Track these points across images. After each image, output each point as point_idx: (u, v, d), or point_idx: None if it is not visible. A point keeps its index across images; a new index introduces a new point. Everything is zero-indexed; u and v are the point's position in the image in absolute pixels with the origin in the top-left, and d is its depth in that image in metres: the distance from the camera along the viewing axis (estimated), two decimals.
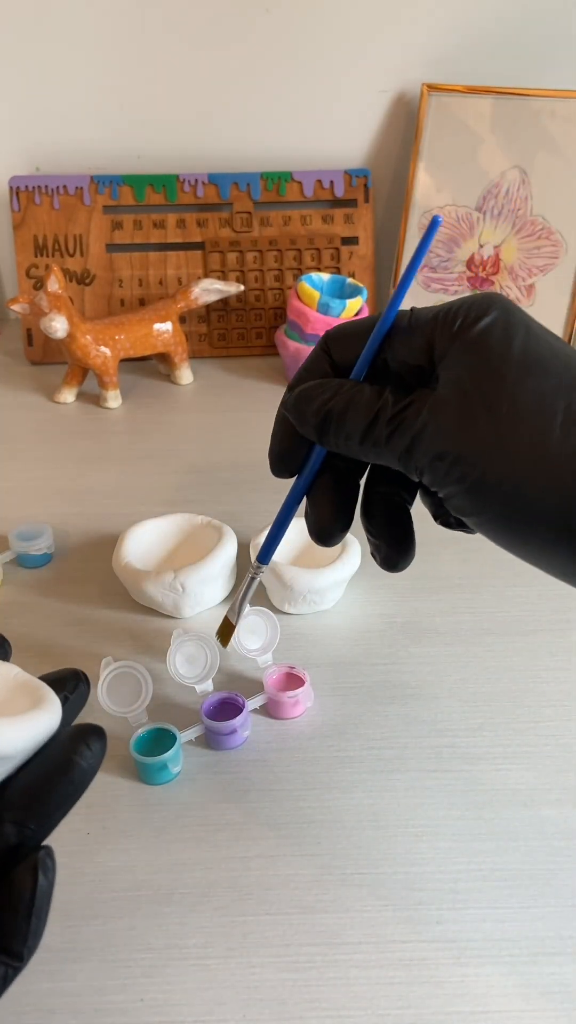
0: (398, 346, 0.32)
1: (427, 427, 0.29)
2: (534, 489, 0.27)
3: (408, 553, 0.34)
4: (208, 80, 0.88)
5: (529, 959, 0.34)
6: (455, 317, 0.30)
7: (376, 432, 0.30)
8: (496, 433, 0.27)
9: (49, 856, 0.24)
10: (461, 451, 0.28)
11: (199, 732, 0.43)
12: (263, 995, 0.33)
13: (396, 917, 0.36)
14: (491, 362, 0.28)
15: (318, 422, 0.32)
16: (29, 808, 0.25)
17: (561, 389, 0.27)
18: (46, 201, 0.86)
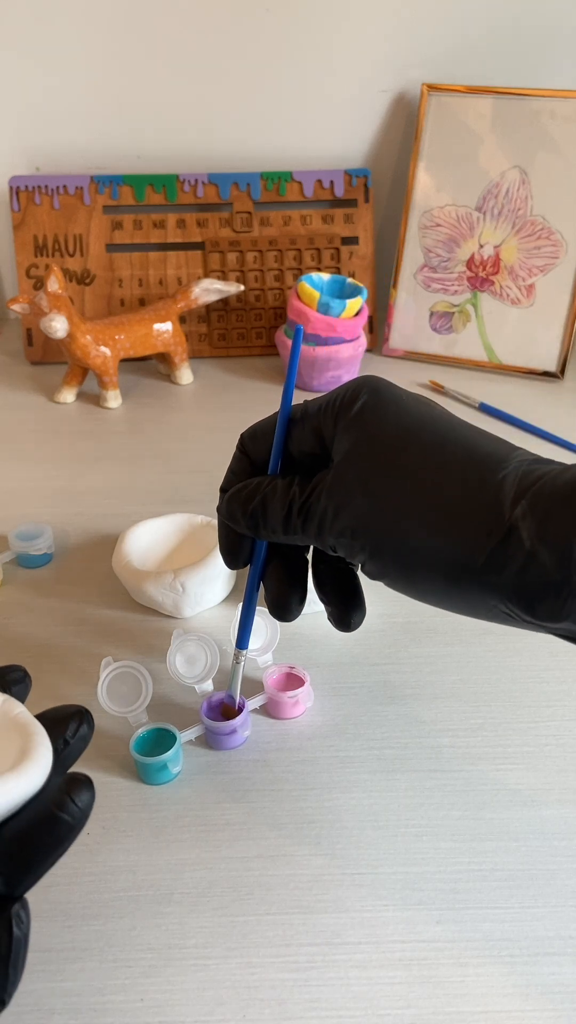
0: (296, 438, 0.36)
1: (327, 511, 0.33)
2: (419, 542, 0.30)
3: (357, 611, 0.38)
4: (208, 80, 0.88)
5: (529, 959, 0.34)
6: (334, 405, 0.34)
7: (292, 522, 0.34)
8: (377, 502, 0.31)
9: (24, 909, 0.25)
10: (355, 525, 0.32)
11: (199, 732, 0.43)
12: (263, 995, 0.33)
13: (396, 917, 0.36)
14: (367, 440, 0.32)
15: (247, 521, 0.36)
16: (14, 861, 0.25)
17: (429, 449, 0.31)
18: (46, 201, 0.86)
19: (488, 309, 0.86)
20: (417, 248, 0.87)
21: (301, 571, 0.39)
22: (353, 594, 0.38)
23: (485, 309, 0.86)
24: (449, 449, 0.32)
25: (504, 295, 0.85)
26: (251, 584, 0.40)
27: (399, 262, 0.88)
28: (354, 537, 0.32)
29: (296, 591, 0.38)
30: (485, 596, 0.29)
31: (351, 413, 0.33)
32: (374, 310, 0.90)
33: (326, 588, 0.38)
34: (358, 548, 0.32)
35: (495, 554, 0.29)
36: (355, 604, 0.38)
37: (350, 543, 0.32)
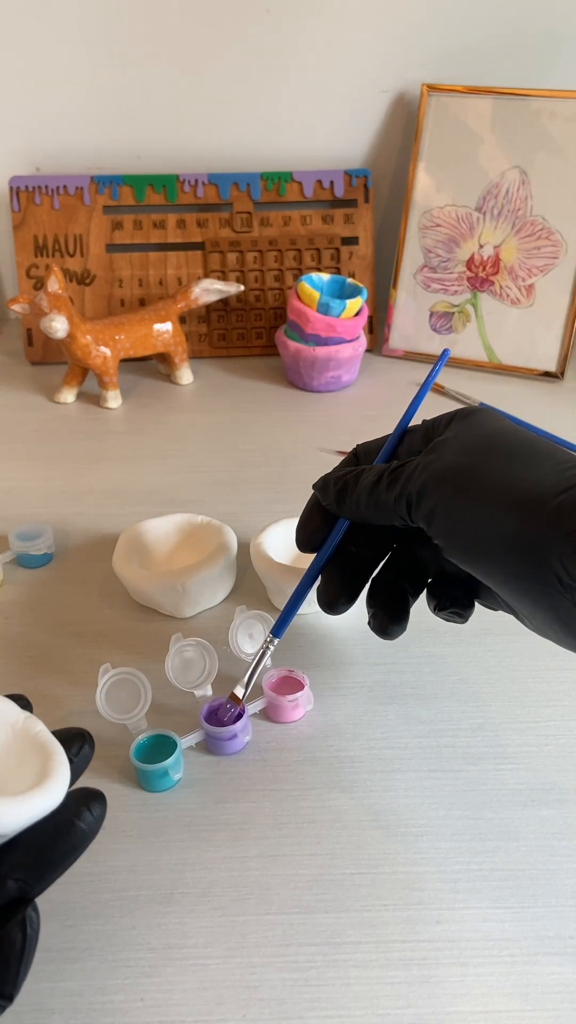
0: (407, 441, 0.41)
1: (414, 473, 0.36)
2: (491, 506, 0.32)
3: (401, 624, 0.40)
4: (208, 80, 0.88)
5: (529, 959, 0.34)
6: (449, 413, 0.39)
7: (379, 486, 0.37)
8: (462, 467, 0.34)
9: (34, 910, 0.27)
10: (434, 481, 0.34)
11: (199, 738, 0.43)
12: (263, 995, 0.33)
13: (396, 917, 0.36)
14: (467, 427, 0.37)
15: (337, 490, 0.39)
16: (31, 868, 0.27)
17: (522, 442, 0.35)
18: (46, 201, 0.86)
19: (488, 309, 0.86)
20: (417, 248, 0.87)
21: (360, 576, 0.41)
22: (403, 609, 0.40)
23: (485, 309, 0.86)
24: (542, 446, 0.35)
25: (504, 295, 0.85)
26: (313, 569, 0.41)
27: (399, 262, 0.88)
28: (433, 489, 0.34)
29: (349, 590, 0.41)
30: (546, 555, 0.30)
31: (463, 412, 0.38)
32: (374, 310, 0.90)
33: (379, 597, 0.41)
34: (431, 506, 0.34)
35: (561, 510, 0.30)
36: (402, 617, 0.40)
37: (429, 499, 0.34)
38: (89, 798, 0.30)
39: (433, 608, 0.40)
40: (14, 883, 0.27)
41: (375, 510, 0.38)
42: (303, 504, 0.43)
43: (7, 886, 0.27)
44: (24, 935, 0.26)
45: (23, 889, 0.27)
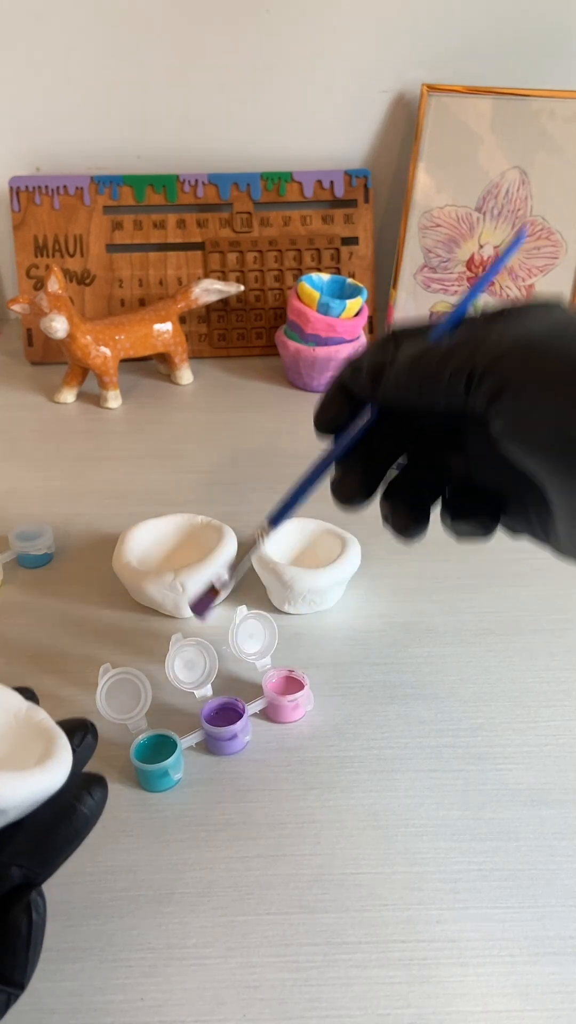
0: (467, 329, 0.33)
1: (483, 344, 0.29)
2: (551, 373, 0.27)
3: (423, 524, 0.34)
4: (208, 80, 0.88)
5: (529, 959, 0.34)
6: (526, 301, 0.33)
7: (428, 359, 0.31)
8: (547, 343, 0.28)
9: (40, 896, 0.26)
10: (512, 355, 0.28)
11: (199, 738, 0.43)
12: (263, 995, 0.33)
13: (396, 917, 0.36)
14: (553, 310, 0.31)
15: (373, 366, 0.33)
16: (34, 854, 0.27)
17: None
18: (46, 201, 0.86)
19: None
20: (417, 248, 0.87)
21: (380, 472, 0.36)
22: (425, 508, 0.35)
23: None
24: None
25: (504, 295, 0.85)
26: (325, 461, 0.35)
27: (399, 262, 0.88)
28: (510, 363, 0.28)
29: (366, 486, 0.35)
30: None
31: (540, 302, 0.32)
32: (374, 310, 0.90)
33: (399, 496, 0.35)
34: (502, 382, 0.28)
35: None
36: (424, 517, 0.35)
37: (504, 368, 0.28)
38: (90, 782, 0.30)
39: (451, 520, 0.34)
40: (18, 869, 0.27)
41: (420, 387, 0.31)
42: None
43: (11, 873, 0.26)
44: (30, 920, 0.26)
45: (28, 875, 0.27)
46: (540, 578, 0.55)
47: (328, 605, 0.53)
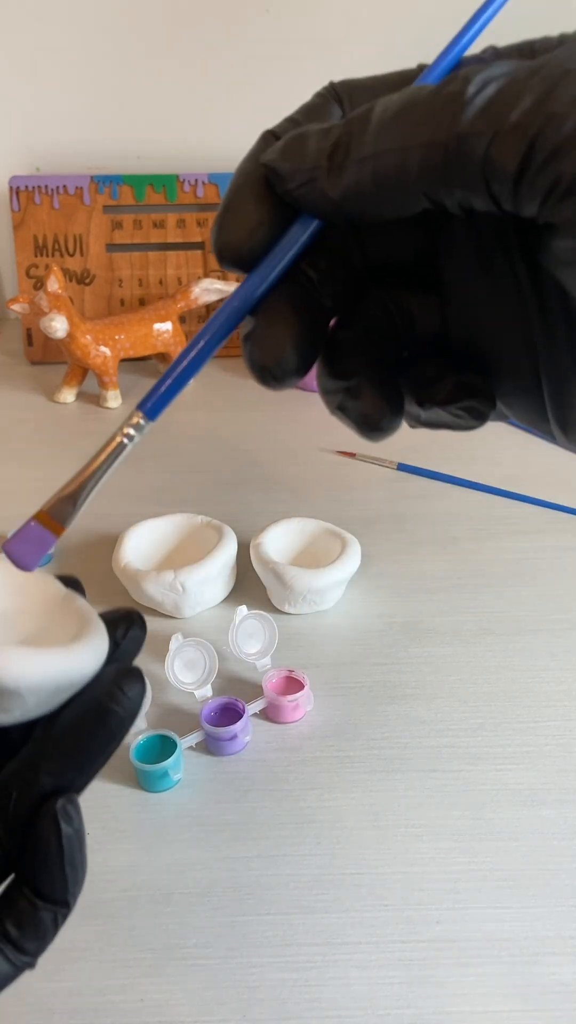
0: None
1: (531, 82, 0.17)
2: None
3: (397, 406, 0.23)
4: (208, 80, 0.88)
5: (529, 959, 0.34)
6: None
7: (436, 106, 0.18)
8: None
9: (71, 803, 0.23)
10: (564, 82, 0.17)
11: (199, 738, 0.43)
12: (263, 995, 0.33)
13: (396, 917, 0.36)
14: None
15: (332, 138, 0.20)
16: (66, 759, 0.23)
17: None
18: (46, 201, 0.86)
19: None
20: None
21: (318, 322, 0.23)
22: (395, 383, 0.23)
23: None
24: None
25: None
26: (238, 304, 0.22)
27: None
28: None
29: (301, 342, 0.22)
30: None
31: None
32: None
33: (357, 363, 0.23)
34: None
35: None
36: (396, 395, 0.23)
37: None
38: (122, 677, 0.24)
39: (425, 400, 0.23)
40: (48, 777, 0.23)
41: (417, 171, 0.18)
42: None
43: (41, 781, 0.23)
44: (59, 832, 0.22)
45: (58, 783, 0.23)
46: (540, 578, 0.55)
47: (328, 605, 0.53)
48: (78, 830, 0.23)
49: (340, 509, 0.61)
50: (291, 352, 0.22)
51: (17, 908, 0.22)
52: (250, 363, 0.22)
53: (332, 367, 0.23)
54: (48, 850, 0.22)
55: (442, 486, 0.66)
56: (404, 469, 0.67)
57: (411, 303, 0.24)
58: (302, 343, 0.22)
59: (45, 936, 0.23)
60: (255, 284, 0.22)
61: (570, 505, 0.62)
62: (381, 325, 0.24)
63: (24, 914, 0.22)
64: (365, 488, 0.65)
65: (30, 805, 0.23)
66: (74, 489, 0.25)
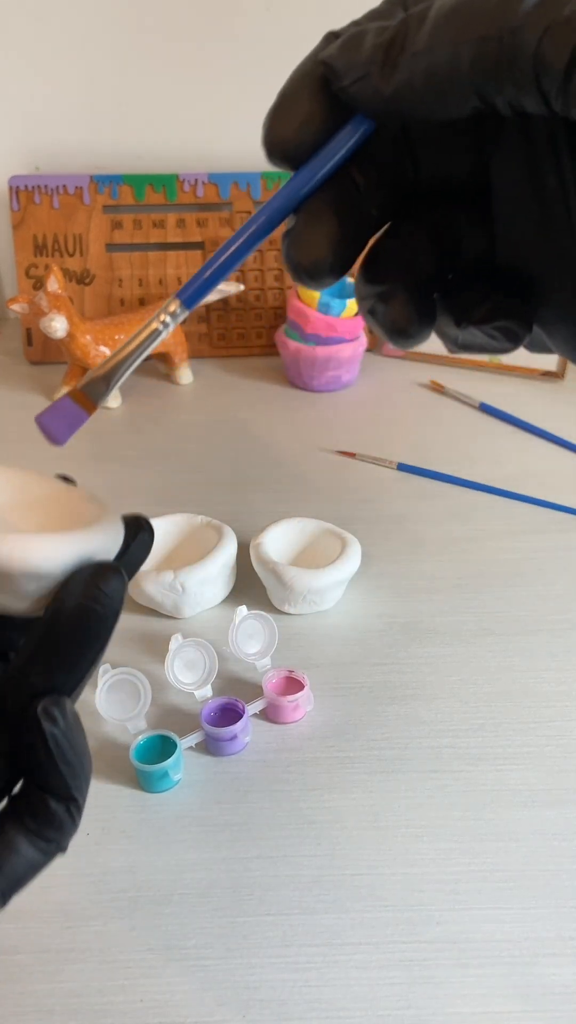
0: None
1: None
2: None
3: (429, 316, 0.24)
4: (208, 79, 0.88)
5: (530, 960, 0.34)
6: None
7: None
8: None
9: (55, 704, 0.23)
10: None
11: (199, 738, 0.43)
12: (263, 995, 0.33)
13: (396, 918, 0.36)
14: None
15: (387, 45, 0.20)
16: (51, 661, 0.23)
17: None
18: (46, 201, 0.86)
19: None
20: None
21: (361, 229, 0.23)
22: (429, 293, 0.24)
23: None
24: None
25: None
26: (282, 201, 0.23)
27: None
28: None
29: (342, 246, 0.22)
30: None
31: None
32: None
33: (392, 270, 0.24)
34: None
35: None
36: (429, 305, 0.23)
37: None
38: (99, 576, 0.24)
39: (462, 319, 0.24)
40: (38, 678, 0.23)
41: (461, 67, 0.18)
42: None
43: (31, 682, 0.23)
44: (42, 731, 0.22)
45: (48, 685, 0.23)
46: (540, 578, 0.55)
47: (328, 605, 0.53)
48: (64, 730, 0.23)
49: (340, 509, 0.61)
50: (328, 253, 0.22)
51: (31, 802, 0.23)
52: (287, 260, 0.23)
53: (368, 272, 0.23)
54: (37, 750, 0.23)
55: (442, 486, 0.66)
56: (404, 469, 0.67)
57: (459, 223, 0.24)
58: (340, 245, 0.22)
59: (63, 826, 0.24)
60: (301, 182, 0.22)
61: (570, 505, 0.62)
62: (424, 240, 0.24)
63: (37, 807, 0.23)
64: (365, 488, 0.65)
65: (22, 706, 0.23)
66: (108, 370, 0.26)
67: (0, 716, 0.23)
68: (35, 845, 0.24)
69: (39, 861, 0.24)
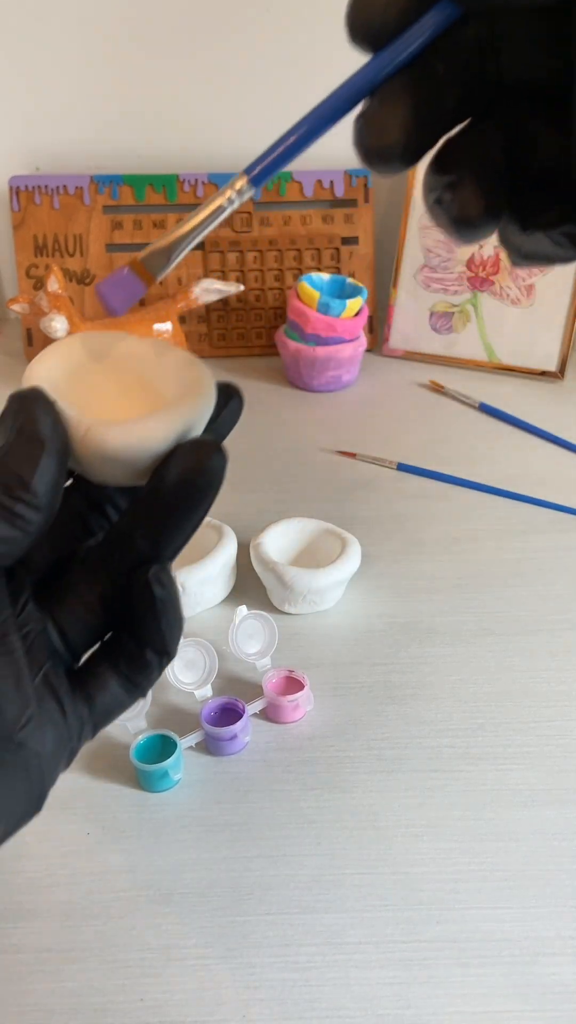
0: None
1: None
2: None
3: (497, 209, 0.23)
4: (208, 79, 0.88)
5: (530, 959, 0.34)
6: None
7: None
8: None
9: (162, 571, 0.25)
10: None
11: (199, 738, 0.43)
12: (263, 995, 0.33)
13: (396, 917, 0.36)
14: None
15: None
16: (156, 527, 0.25)
17: None
18: (46, 201, 0.86)
19: (488, 309, 0.86)
20: (417, 248, 0.87)
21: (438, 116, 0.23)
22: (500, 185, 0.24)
23: (485, 309, 0.86)
24: None
25: (504, 295, 0.85)
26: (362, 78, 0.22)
27: (399, 262, 0.88)
28: None
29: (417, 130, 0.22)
30: None
31: None
32: (374, 310, 0.90)
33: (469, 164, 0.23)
34: None
35: None
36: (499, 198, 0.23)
37: None
38: (200, 451, 0.25)
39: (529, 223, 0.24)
40: (143, 542, 0.25)
41: None
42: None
43: (137, 545, 0.25)
44: (152, 596, 0.25)
45: (152, 549, 0.25)
46: (540, 578, 0.55)
47: (328, 605, 0.53)
48: (170, 593, 0.25)
49: (340, 509, 0.61)
50: (401, 136, 0.22)
51: (126, 650, 0.26)
52: (357, 143, 0.23)
53: (439, 162, 0.23)
54: (144, 610, 0.25)
55: (442, 486, 0.66)
56: (404, 469, 0.67)
57: (536, 127, 0.23)
58: (414, 131, 0.22)
59: (151, 674, 0.26)
60: (381, 63, 0.22)
61: (570, 505, 0.62)
62: (498, 138, 0.23)
63: (134, 655, 0.26)
64: (365, 488, 0.65)
65: (129, 565, 0.25)
66: (170, 243, 0.25)
67: (104, 568, 0.25)
68: (124, 687, 0.26)
69: (126, 701, 0.26)
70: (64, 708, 0.25)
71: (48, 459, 0.23)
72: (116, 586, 0.25)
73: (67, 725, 0.25)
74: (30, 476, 0.22)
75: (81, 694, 0.25)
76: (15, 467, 0.22)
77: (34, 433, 0.23)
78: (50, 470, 0.23)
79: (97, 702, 0.26)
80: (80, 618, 0.26)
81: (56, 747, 0.24)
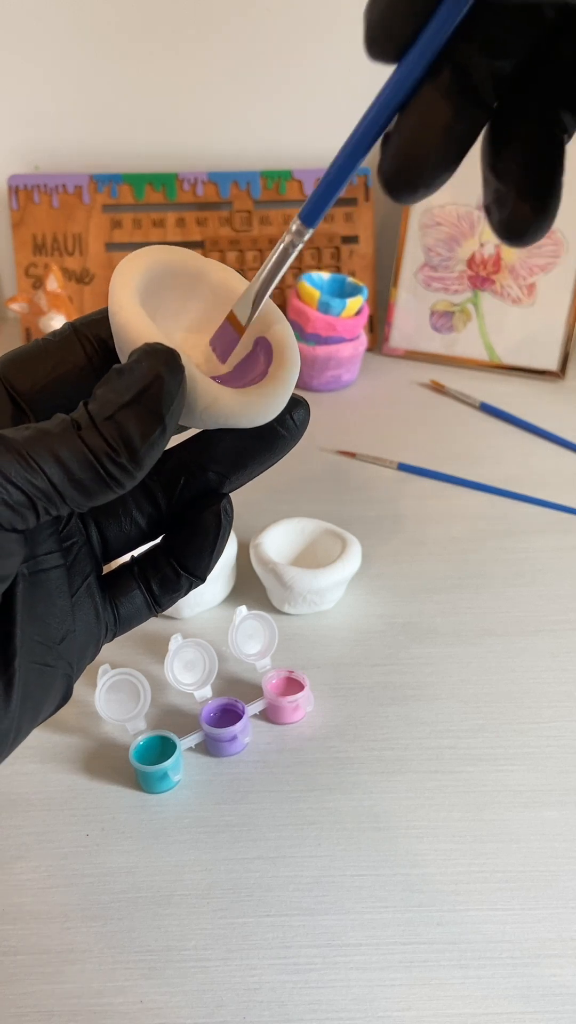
0: None
1: None
2: None
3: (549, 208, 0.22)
4: (208, 78, 0.88)
5: (530, 961, 0.34)
6: None
7: None
8: None
9: (229, 504, 0.27)
10: None
11: (199, 739, 0.43)
12: (263, 997, 0.33)
13: (397, 919, 0.36)
14: None
15: None
16: (232, 464, 0.27)
17: None
18: (45, 200, 0.86)
19: (489, 308, 0.86)
20: (418, 247, 0.87)
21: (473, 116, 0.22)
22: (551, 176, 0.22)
23: (486, 308, 0.86)
24: None
25: (505, 294, 0.85)
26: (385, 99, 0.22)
27: (399, 261, 0.88)
28: None
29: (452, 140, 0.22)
30: None
31: None
32: (374, 309, 0.90)
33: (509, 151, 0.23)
34: None
35: None
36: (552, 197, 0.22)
37: None
38: (293, 405, 0.28)
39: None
40: (215, 476, 0.27)
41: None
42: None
43: (208, 476, 0.27)
44: (219, 524, 0.27)
45: (221, 483, 0.27)
46: (540, 578, 0.55)
47: (328, 605, 0.52)
48: (230, 524, 0.27)
49: (340, 509, 0.61)
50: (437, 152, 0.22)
51: (163, 572, 0.27)
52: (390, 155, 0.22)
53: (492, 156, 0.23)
54: (206, 538, 0.27)
55: (442, 486, 0.65)
56: (404, 469, 0.67)
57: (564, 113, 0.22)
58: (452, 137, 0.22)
59: (177, 597, 0.28)
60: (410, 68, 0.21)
61: (570, 505, 0.62)
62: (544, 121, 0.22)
63: (168, 579, 0.27)
64: (365, 488, 0.65)
65: (195, 493, 0.27)
66: (251, 293, 0.26)
67: (162, 491, 0.27)
68: (147, 603, 0.28)
69: (145, 616, 0.28)
70: (98, 613, 0.27)
71: (161, 438, 0.23)
72: (169, 509, 0.27)
73: (98, 628, 0.27)
74: (140, 445, 0.22)
75: (110, 602, 0.27)
76: (129, 432, 0.22)
77: (156, 409, 0.22)
78: (159, 446, 0.23)
79: (122, 612, 0.28)
80: (124, 531, 0.28)
81: (86, 648, 0.27)
